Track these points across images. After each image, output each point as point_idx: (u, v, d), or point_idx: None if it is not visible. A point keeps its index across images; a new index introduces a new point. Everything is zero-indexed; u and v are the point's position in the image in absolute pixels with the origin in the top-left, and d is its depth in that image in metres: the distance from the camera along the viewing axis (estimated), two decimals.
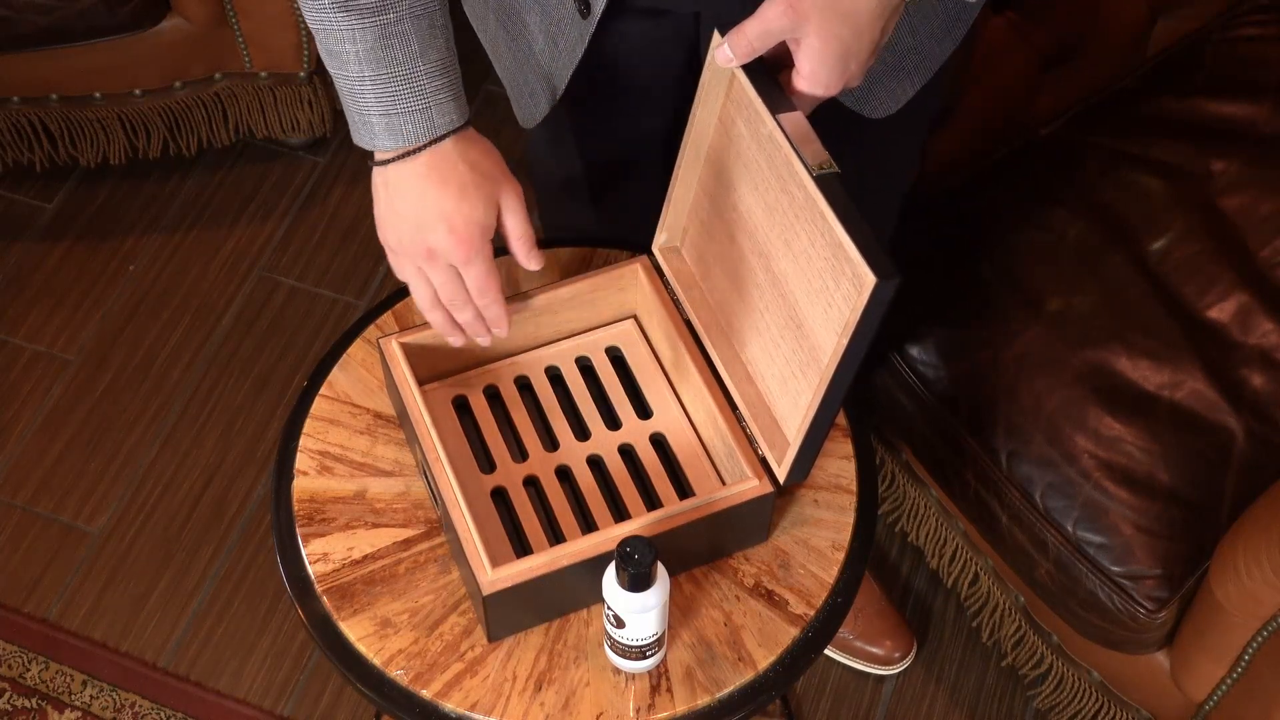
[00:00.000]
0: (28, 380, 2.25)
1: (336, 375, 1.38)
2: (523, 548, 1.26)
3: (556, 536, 1.27)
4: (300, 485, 1.31)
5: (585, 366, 1.39)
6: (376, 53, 1.15)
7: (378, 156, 1.20)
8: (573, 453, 1.33)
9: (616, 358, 1.39)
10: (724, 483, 1.30)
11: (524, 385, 1.37)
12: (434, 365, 1.34)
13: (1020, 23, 1.83)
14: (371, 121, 1.18)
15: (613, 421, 1.35)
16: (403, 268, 1.24)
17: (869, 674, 1.98)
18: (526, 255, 1.26)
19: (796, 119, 1.12)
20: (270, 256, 2.38)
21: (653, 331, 1.38)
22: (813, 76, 1.11)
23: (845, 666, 1.99)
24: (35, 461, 2.17)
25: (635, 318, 1.40)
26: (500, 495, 1.30)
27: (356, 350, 1.39)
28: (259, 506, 2.13)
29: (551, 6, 1.28)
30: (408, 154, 1.18)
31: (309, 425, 1.34)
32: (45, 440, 2.19)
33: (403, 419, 1.32)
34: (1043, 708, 1.90)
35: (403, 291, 1.41)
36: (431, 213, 1.19)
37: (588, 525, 1.28)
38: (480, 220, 1.20)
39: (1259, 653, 1.55)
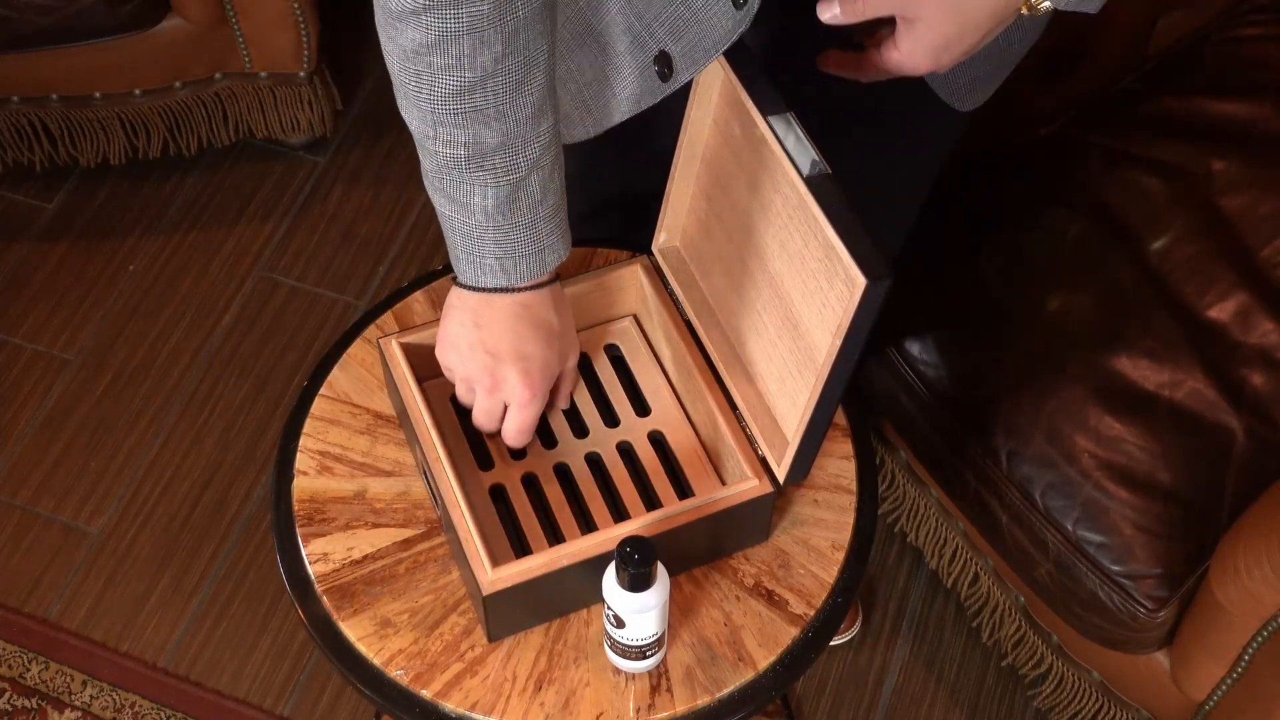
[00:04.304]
0: (28, 380, 2.24)
1: (336, 375, 1.38)
2: (522, 547, 1.26)
3: (555, 536, 1.27)
4: (300, 485, 1.31)
5: (585, 365, 1.38)
6: (504, 206, 1.13)
7: (464, 279, 1.19)
8: (571, 450, 1.33)
9: (616, 357, 1.39)
10: (724, 482, 1.30)
11: None
12: (434, 365, 1.34)
13: None
14: (485, 263, 1.16)
15: (611, 419, 1.35)
16: (454, 378, 1.26)
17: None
18: (564, 401, 1.32)
19: (787, 120, 1.11)
20: (270, 256, 2.38)
21: (652, 331, 1.38)
22: (909, 55, 1.10)
23: None
24: (35, 461, 2.17)
25: (635, 317, 1.40)
26: (498, 493, 1.30)
27: (356, 350, 1.39)
28: (259, 506, 2.13)
29: (645, 69, 1.21)
30: (506, 289, 1.18)
31: (309, 425, 1.34)
32: (45, 440, 2.19)
33: (403, 419, 1.31)
34: (1043, 708, 1.90)
35: (403, 291, 1.41)
36: (511, 350, 1.20)
37: (587, 524, 1.28)
38: (554, 369, 1.22)
39: (1259, 653, 1.55)
